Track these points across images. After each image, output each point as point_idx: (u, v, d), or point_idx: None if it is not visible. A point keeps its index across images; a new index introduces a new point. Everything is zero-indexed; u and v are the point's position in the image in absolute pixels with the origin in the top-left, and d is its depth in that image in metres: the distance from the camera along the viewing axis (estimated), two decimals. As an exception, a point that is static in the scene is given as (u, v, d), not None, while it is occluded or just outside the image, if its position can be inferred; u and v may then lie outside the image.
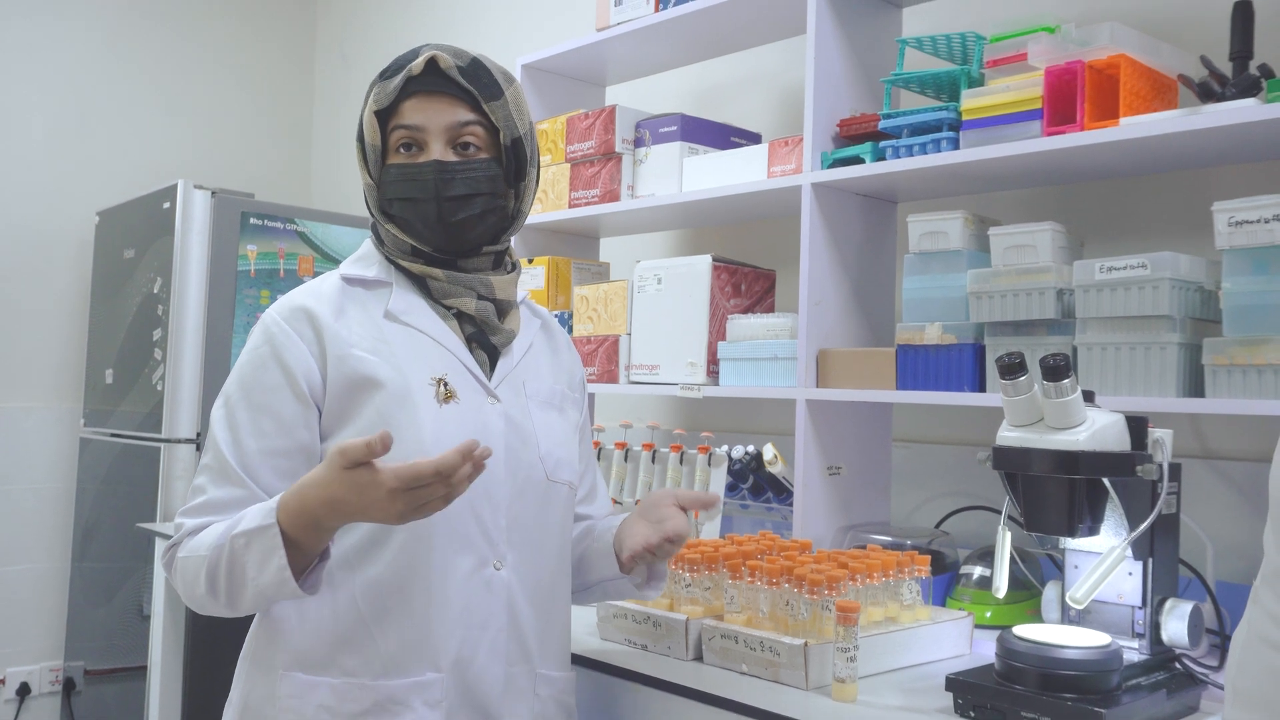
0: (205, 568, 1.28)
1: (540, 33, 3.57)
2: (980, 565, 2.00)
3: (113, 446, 3.61)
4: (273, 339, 1.37)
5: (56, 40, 4.07)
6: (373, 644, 1.34)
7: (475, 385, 1.42)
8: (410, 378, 1.37)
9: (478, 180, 1.40)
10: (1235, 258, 1.62)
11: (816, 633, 1.55)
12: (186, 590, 1.33)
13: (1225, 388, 1.63)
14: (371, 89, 1.43)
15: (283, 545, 1.22)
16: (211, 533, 1.29)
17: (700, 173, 2.45)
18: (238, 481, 1.33)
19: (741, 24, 2.48)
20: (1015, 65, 1.91)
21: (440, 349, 1.41)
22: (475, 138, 1.41)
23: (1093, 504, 1.47)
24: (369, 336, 1.39)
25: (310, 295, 1.41)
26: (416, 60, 1.40)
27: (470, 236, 1.43)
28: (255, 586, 1.25)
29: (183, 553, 1.32)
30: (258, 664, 1.39)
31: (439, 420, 1.36)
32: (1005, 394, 1.48)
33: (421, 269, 1.44)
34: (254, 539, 1.24)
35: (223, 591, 1.29)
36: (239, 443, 1.34)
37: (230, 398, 1.37)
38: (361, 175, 1.46)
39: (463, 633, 1.37)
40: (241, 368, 1.39)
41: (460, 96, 1.40)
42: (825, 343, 2.17)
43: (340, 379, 1.36)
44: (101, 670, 3.63)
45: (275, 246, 3.45)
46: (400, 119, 1.40)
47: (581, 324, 2.63)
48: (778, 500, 2.36)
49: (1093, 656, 1.39)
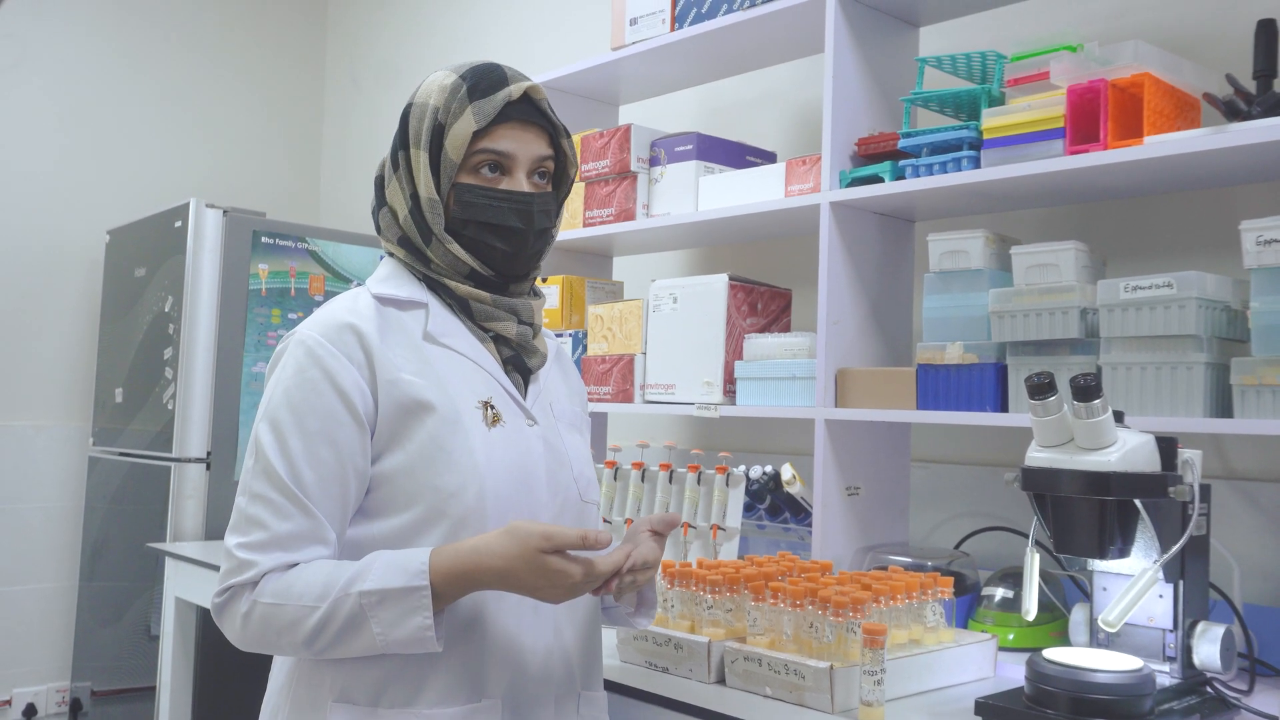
0: (315, 619, 1.23)
1: (551, 51, 3.57)
2: (1002, 587, 1.98)
3: (122, 465, 3.60)
4: (320, 361, 1.31)
5: (69, 60, 4.09)
6: (423, 674, 1.30)
7: (515, 409, 1.41)
8: (458, 401, 1.35)
9: (552, 213, 1.44)
10: (1264, 277, 1.61)
11: (841, 655, 1.53)
12: (267, 635, 1.27)
13: (1255, 408, 1.61)
14: (458, 102, 1.36)
15: (431, 606, 1.21)
16: (314, 582, 1.24)
17: (716, 192, 2.44)
18: (303, 514, 1.28)
19: (757, 43, 2.48)
20: (1036, 84, 1.90)
21: (481, 372, 1.40)
22: (549, 171, 1.43)
23: (1124, 526, 1.46)
24: (413, 359, 1.36)
25: (351, 314, 1.35)
26: (514, 86, 1.38)
27: (536, 264, 1.46)
28: (381, 641, 1.23)
29: (269, 598, 1.25)
30: (299, 701, 1.34)
31: (489, 444, 1.35)
32: (1034, 414, 1.47)
33: (469, 291, 1.41)
34: (393, 598, 1.22)
35: (326, 641, 1.24)
36: (297, 473, 1.28)
37: (280, 423, 1.30)
38: (420, 187, 1.38)
39: (514, 658, 1.35)
40: (290, 392, 1.31)
41: (546, 129, 1.41)
42: (843, 362, 2.15)
43: (391, 403, 1.32)
44: (109, 691, 3.61)
45: (286, 265, 3.45)
46: (493, 142, 1.37)
47: (596, 343, 2.62)
48: (795, 520, 2.34)
49: (1126, 680, 1.37)
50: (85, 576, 3.86)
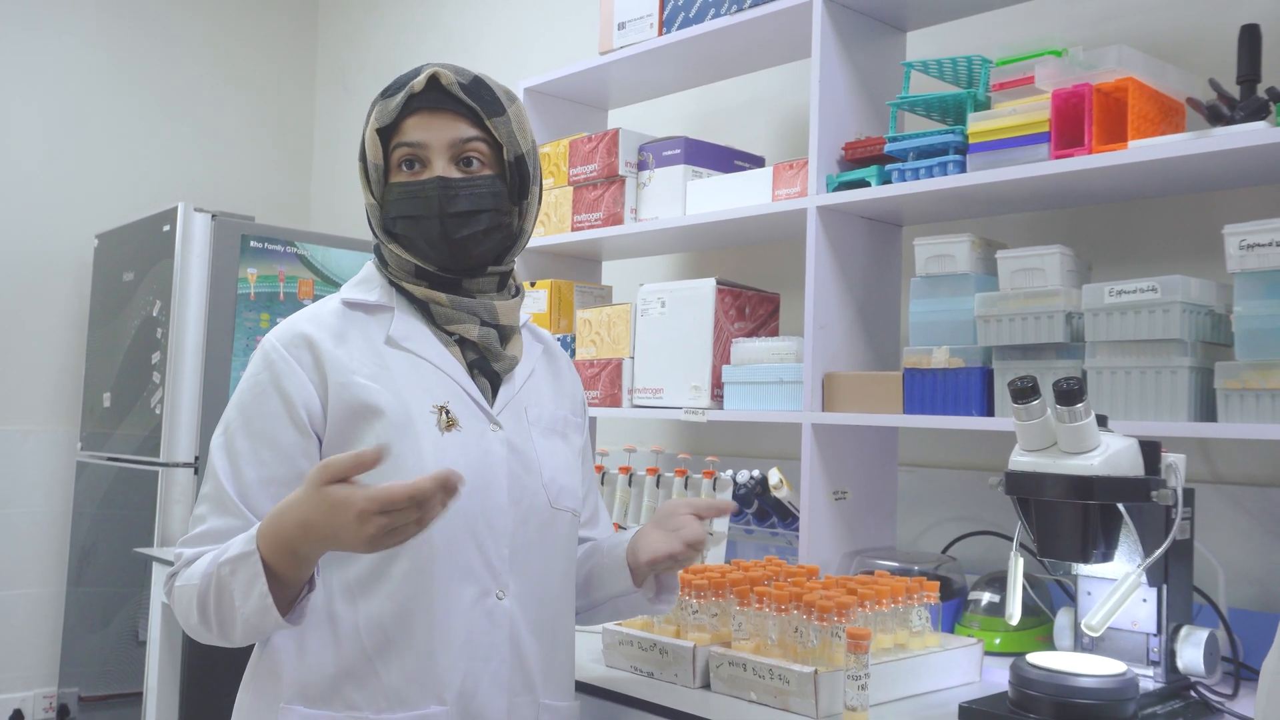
0: (196, 597, 1.26)
1: (540, 56, 3.57)
2: (988, 591, 1.98)
3: (110, 470, 3.58)
4: (272, 365, 1.35)
5: (57, 63, 4.08)
6: (375, 677, 1.31)
7: (477, 413, 1.40)
8: (411, 406, 1.35)
9: (481, 196, 1.39)
10: (1247, 281, 1.61)
11: (826, 660, 1.53)
12: (184, 620, 1.31)
13: (1238, 412, 1.61)
14: (373, 107, 1.41)
15: (264, 573, 1.20)
16: (203, 561, 1.28)
17: (704, 196, 2.44)
18: (236, 511, 1.30)
19: (745, 48, 2.49)
20: (1022, 88, 1.91)
21: (442, 376, 1.39)
22: (478, 154, 1.39)
23: (1107, 530, 1.46)
24: (370, 363, 1.37)
25: (310, 321, 1.39)
26: (418, 78, 1.38)
27: (475, 254, 1.41)
28: (242, 616, 1.23)
29: (179, 581, 1.30)
30: (259, 697, 1.36)
31: (440, 449, 1.34)
32: (1018, 418, 1.47)
33: (425, 293, 1.41)
34: (238, 566, 1.22)
35: (214, 621, 1.26)
36: (238, 471, 1.32)
37: (230, 425, 1.35)
38: (364, 195, 1.44)
39: (466, 664, 1.34)
40: (241, 395, 1.36)
41: (462, 113, 1.39)
42: (830, 366, 2.15)
43: (341, 407, 1.34)
44: (96, 696, 3.59)
45: (275, 269, 3.44)
46: (402, 136, 1.38)
47: (584, 347, 2.61)
48: (782, 525, 2.34)
49: (1109, 685, 1.37)
50: (73, 581, 3.84)
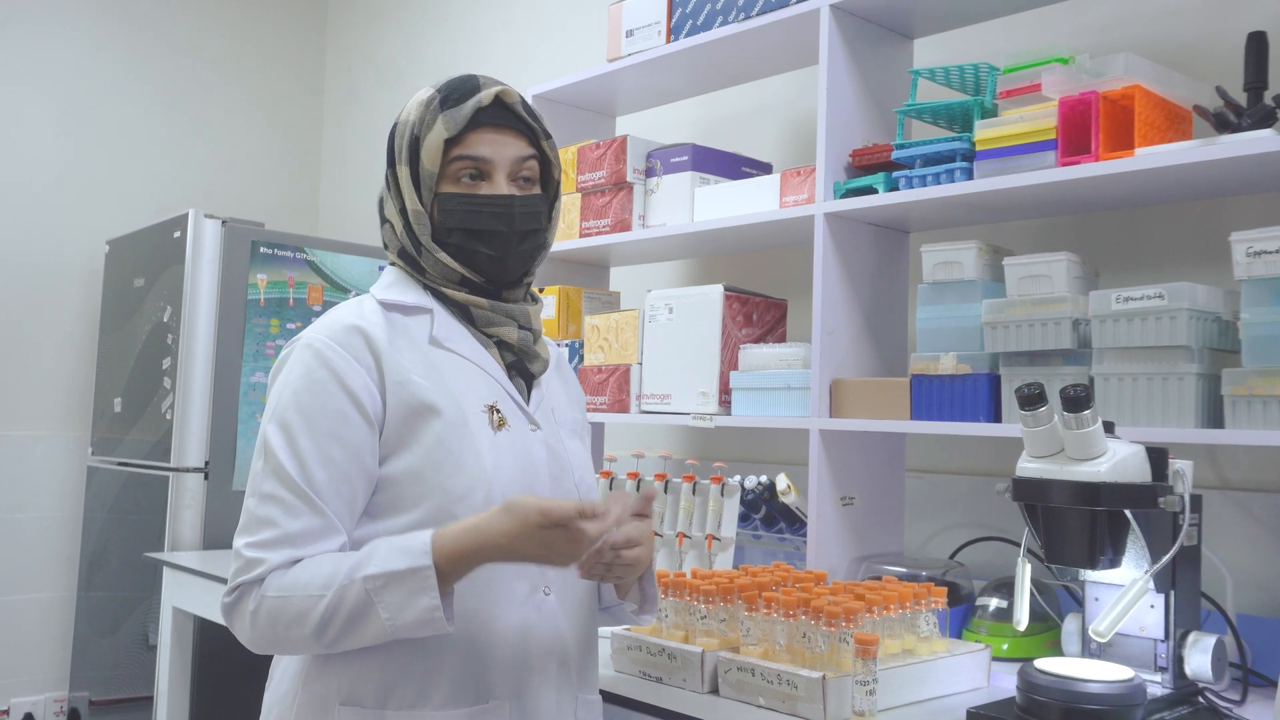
0: (322, 608, 1.24)
1: (547, 63, 3.58)
2: (996, 597, 1.98)
3: (120, 475, 3.60)
4: (329, 363, 1.33)
5: (69, 71, 4.10)
6: (430, 675, 1.32)
7: (519, 414, 1.43)
8: (464, 405, 1.37)
9: (538, 214, 1.44)
10: (1254, 288, 1.62)
11: (834, 665, 1.53)
12: (276, 630, 1.27)
13: (1245, 418, 1.62)
14: (430, 114, 1.40)
15: (437, 586, 1.22)
16: (319, 573, 1.25)
17: (712, 203, 2.45)
18: (314, 512, 1.29)
19: (752, 55, 2.50)
20: (1029, 96, 1.91)
21: (486, 377, 1.42)
22: (532, 172, 1.44)
23: (1114, 536, 1.46)
24: (419, 363, 1.38)
25: (358, 317, 1.37)
26: (484, 91, 1.40)
27: (524, 268, 1.46)
28: (390, 625, 1.23)
29: (275, 591, 1.26)
30: (307, 703, 1.34)
31: (496, 448, 1.37)
32: (1025, 425, 1.48)
33: (465, 298, 1.43)
34: (396, 580, 1.22)
35: (335, 631, 1.25)
36: (309, 473, 1.29)
37: (290, 425, 1.31)
38: (402, 200, 1.42)
39: (520, 659, 1.36)
40: (299, 394, 1.32)
41: (523, 131, 1.43)
42: (837, 372, 2.16)
43: (399, 405, 1.34)
44: (107, 700, 3.60)
45: (285, 275, 3.45)
46: (467, 149, 1.39)
47: (592, 353, 2.62)
48: (790, 530, 2.34)
49: (1116, 690, 1.38)
50: (83, 586, 3.86)
